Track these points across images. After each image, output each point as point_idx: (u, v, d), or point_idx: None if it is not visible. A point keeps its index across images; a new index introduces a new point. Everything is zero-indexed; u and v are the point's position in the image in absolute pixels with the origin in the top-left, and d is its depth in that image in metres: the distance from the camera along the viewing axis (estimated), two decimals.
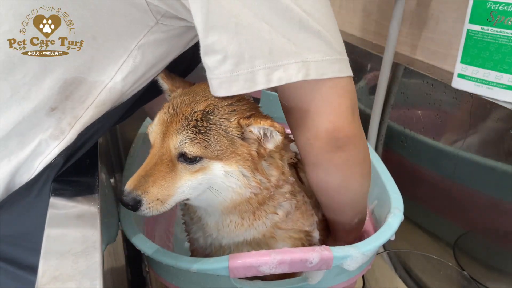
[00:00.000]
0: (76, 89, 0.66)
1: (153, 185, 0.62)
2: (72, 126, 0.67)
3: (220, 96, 0.62)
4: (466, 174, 1.00)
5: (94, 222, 0.58)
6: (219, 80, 0.61)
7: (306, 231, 0.81)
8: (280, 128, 0.64)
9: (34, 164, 0.66)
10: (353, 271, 0.73)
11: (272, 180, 0.70)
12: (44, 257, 0.51)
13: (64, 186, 0.66)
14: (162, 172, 0.63)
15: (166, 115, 0.65)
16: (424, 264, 1.00)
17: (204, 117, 0.64)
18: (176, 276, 0.73)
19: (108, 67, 0.67)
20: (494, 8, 0.87)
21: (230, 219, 0.73)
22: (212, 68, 0.61)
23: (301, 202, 0.78)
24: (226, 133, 0.64)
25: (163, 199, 0.63)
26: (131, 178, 0.64)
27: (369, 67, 1.30)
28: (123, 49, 0.66)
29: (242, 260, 0.68)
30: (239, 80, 0.60)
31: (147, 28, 0.66)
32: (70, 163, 0.69)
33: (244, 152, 0.65)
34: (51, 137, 0.66)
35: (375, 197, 0.95)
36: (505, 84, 0.89)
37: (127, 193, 0.62)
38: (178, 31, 0.69)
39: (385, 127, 1.24)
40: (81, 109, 0.67)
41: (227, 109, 0.65)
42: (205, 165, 0.64)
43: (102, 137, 0.84)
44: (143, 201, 0.62)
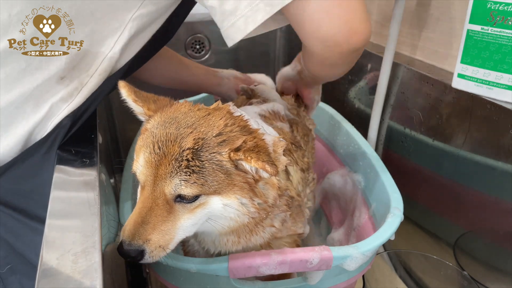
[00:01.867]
0: (81, 60, 0.75)
1: (153, 232, 0.60)
2: (79, 91, 0.77)
3: (248, 34, 0.66)
4: (466, 174, 1.00)
5: (93, 223, 0.58)
6: (244, 17, 0.66)
7: (300, 233, 0.81)
8: (272, 170, 0.59)
9: (47, 124, 0.75)
10: (353, 271, 0.74)
11: (269, 201, 0.68)
12: (44, 256, 0.51)
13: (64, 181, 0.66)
14: (160, 217, 0.61)
15: (152, 156, 0.61)
16: (424, 264, 1.00)
17: (194, 156, 0.60)
18: (176, 276, 0.73)
19: (107, 39, 0.76)
20: (494, 8, 0.86)
21: (227, 238, 0.72)
22: (233, 10, 0.66)
23: (294, 208, 0.78)
24: (220, 167, 0.61)
25: (165, 244, 0.61)
26: (127, 227, 0.61)
27: (369, 67, 1.30)
28: (119, 23, 0.75)
29: (242, 260, 0.68)
30: (259, 8, 0.65)
31: (139, 2, 0.75)
32: (76, 127, 0.77)
33: (240, 182, 0.63)
34: (61, 100, 0.75)
35: (375, 197, 0.95)
36: (505, 84, 0.89)
37: (128, 244, 0.60)
38: (167, 2, 0.77)
39: (385, 127, 1.24)
40: (86, 76, 0.77)
41: (216, 141, 0.62)
42: (203, 201, 0.62)
43: (102, 137, 0.85)
44: (146, 250, 0.60)
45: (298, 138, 0.93)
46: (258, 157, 0.60)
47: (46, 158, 0.74)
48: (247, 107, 0.93)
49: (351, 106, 1.39)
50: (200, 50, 1.59)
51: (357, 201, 1.03)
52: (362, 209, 1.00)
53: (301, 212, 0.82)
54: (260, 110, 0.90)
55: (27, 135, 0.74)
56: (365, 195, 1.01)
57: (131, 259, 0.60)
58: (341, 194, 1.11)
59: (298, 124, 0.98)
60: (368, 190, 1.00)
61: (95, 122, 0.82)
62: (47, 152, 0.74)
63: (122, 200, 0.83)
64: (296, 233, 0.80)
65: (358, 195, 1.03)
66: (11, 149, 0.74)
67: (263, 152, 0.61)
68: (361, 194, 1.03)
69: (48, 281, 0.48)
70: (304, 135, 0.97)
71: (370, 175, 0.98)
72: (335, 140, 1.21)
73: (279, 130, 0.84)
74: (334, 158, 1.22)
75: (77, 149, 0.75)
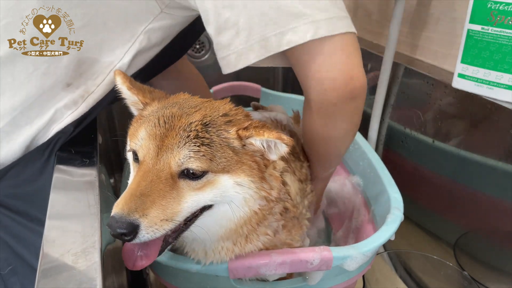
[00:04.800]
0: (89, 68, 0.75)
1: (152, 206, 0.53)
2: (84, 98, 0.76)
3: (239, 69, 0.66)
4: (466, 174, 1.00)
5: (93, 223, 0.58)
6: (236, 53, 0.67)
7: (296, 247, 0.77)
8: (289, 140, 0.58)
9: (49, 130, 0.75)
10: (353, 271, 0.73)
11: (274, 191, 0.65)
12: (44, 256, 0.51)
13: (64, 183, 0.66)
14: (162, 191, 0.54)
15: (157, 129, 0.57)
16: (424, 264, 1.00)
17: (204, 128, 0.58)
18: (176, 276, 0.73)
19: (117, 50, 0.75)
20: (495, 8, 0.86)
21: (222, 245, 0.67)
22: (227, 44, 0.67)
23: (288, 220, 0.75)
24: (227, 145, 0.59)
25: (170, 217, 0.55)
26: (121, 199, 0.53)
27: (369, 67, 1.30)
28: (130, 34, 0.75)
29: (242, 261, 0.68)
30: (253, 49, 0.66)
31: (152, 16, 0.74)
32: (78, 130, 0.77)
33: (249, 160, 0.60)
34: (65, 107, 0.75)
35: (375, 197, 0.95)
36: (506, 84, 0.88)
37: (120, 218, 0.51)
38: (181, 19, 0.77)
39: (385, 127, 1.24)
40: (93, 85, 0.76)
41: (223, 120, 0.60)
42: (211, 179, 0.57)
43: (102, 137, 0.85)
44: (141, 225, 0.52)
45: (298, 150, 0.90)
46: (270, 130, 0.59)
47: (47, 162, 0.74)
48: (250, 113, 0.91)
49: None
50: (200, 50, 1.59)
51: (357, 202, 1.03)
52: (362, 210, 1.00)
53: (298, 224, 0.79)
54: (262, 117, 0.89)
55: (30, 140, 0.74)
56: (365, 196, 1.01)
57: (124, 237, 0.52)
58: (341, 196, 1.10)
59: (299, 138, 0.94)
60: (368, 190, 1.00)
61: (95, 122, 0.82)
62: (48, 156, 0.74)
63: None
64: (292, 246, 0.76)
65: (358, 196, 1.03)
66: (14, 153, 0.74)
67: (276, 131, 0.59)
68: (361, 195, 1.03)
69: (48, 281, 0.48)
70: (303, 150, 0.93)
71: (370, 175, 0.98)
72: None
73: None
74: None
75: (77, 149, 0.75)
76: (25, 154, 0.75)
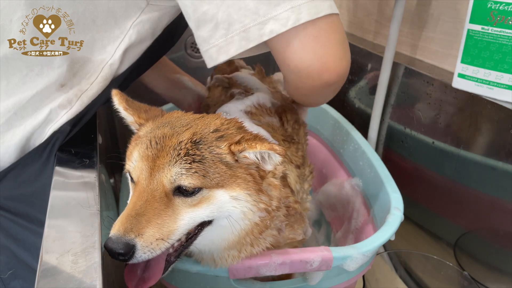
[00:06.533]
0: (82, 67, 0.75)
1: (147, 225, 0.53)
2: (78, 97, 0.76)
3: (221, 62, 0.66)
4: (467, 174, 1.00)
5: (93, 223, 0.58)
6: (217, 47, 0.66)
7: (300, 240, 0.79)
8: (281, 150, 0.58)
9: (45, 130, 0.74)
10: (353, 272, 0.73)
11: (274, 201, 0.64)
12: (44, 256, 0.51)
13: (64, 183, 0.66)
14: (157, 210, 0.55)
15: (149, 150, 0.58)
16: (424, 264, 1.00)
17: (194, 145, 0.58)
18: (176, 276, 0.73)
19: (108, 46, 0.75)
20: (495, 8, 0.86)
21: (228, 253, 0.67)
22: (207, 38, 0.66)
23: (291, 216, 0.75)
24: (220, 160, 0.59)
25: (166, 235, 0.55)
26: (118, 220, 0.54)
27: (369, 67, 1.30)
28: (120, 30, 0.75)
29: (242, 261, 0.68)
30: (234, 41, 0.65)
31: (140, 10, 0.75)
32: (75, 130, 0.77)
33: (244, 174, 0.60)
34: (60, 107, 0.74)
35: (375, 197, 0.95)
36: (506, 84, 0.88)
37: (116, 238, 0.52)
38: (168, 10, 0.77)
39: (385, 127, 1.24)
40: (86, 83, 0.76)
41: (214, 136, 0.60)
42: (206, 195, 0.58)
43: (102, 137, 0.85)
44: (137, 245, 0.52)
45: (290, 130, 0.90)
46: (262, 142, 0.58)
47: (46, 162, 0.74)
48: (230, 105, 0.89)
49: (352, 106, 1.39)
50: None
51: (357, 202, 1.03)
52: (362, 210, 1.00)
53: (301, 218, 0.79)
54: (245, 107, 0.87)
55: (25, 141, 0.74)
56: (365, 196, 1.01)
57: (121, 257, 0.52)
58: (340, 199, 1.10)
59: (286, 111, 0.93)
60: (368, 190, 1.00)
61: (95, 122, 0.82)
62: (47, 157, 0.74)
63: (122, 200, 0.83)
64: (295, 241, 0.77)
65: (358, 197, 1.03)
66: (10, 155, 0.73)
67: (267, 142, 0.59)
68: (361, 195, 1.02)
69: (48, 281, 0.48)
70: (295, 122, 0.93)
71: (370, 175, 0.98)
72: (335, 140, 1.21)
73: (269, 127, 0.83)
74: (334, 158, 1.22)
75: (76, 150, 0.75)
76: (24, 156, 0.74)
